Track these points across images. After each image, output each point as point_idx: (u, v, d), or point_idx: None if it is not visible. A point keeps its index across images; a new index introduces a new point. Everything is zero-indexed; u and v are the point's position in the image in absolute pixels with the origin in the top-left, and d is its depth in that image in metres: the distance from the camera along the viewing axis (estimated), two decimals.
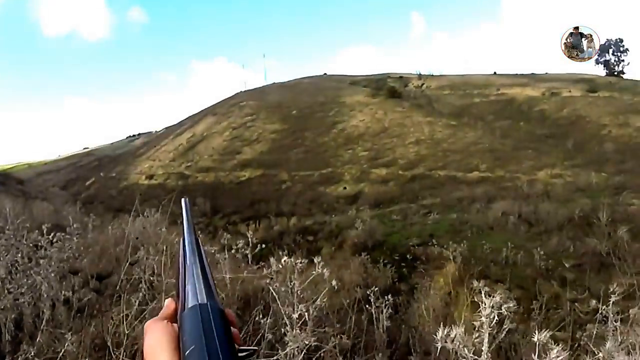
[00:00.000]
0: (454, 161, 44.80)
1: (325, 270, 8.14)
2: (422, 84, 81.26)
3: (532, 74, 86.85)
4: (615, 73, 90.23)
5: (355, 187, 42.70)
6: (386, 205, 37.31)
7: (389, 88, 73.54)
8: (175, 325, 1.22)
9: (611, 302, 7.91)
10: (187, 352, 1.08)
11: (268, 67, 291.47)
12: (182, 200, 1.60)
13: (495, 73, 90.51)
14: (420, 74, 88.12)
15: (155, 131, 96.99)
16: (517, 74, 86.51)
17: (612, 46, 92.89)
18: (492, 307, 6.92)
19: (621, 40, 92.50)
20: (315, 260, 8.13)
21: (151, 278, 7.91)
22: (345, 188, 42.92)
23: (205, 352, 1.05)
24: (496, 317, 7.00)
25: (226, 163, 53.62)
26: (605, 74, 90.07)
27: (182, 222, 1.52)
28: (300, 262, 8.27)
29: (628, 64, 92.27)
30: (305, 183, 45.16)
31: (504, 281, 22.22)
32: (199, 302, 1.19)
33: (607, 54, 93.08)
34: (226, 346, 1.09)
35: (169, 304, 1.30)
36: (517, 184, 37.14)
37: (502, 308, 7.00)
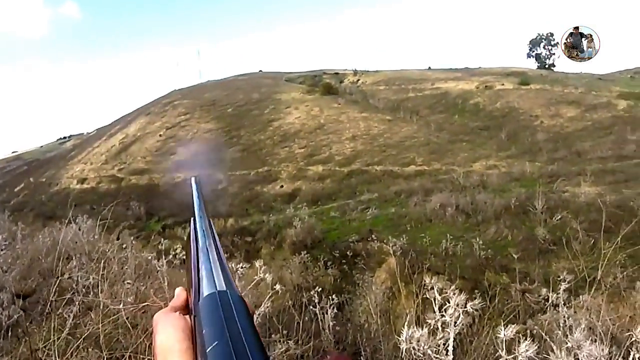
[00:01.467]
0: (390, 156, 44.89)
1: (267, 274, 7.82)
2: (358, 80, 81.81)
3: (466, 68, 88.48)
4: (547, 66, 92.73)
5: (292, 185, 42.38)
6: (324, 203, 37.12)
7: (324, 84, 73.77)
8: (187, 317, 1.15)
9: (561, 289, 7.84)
10: (209, 348, 0.93)
11: (203, 64, 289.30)
12: (192, 179, 1.64)
13: (429, 68, 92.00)
14: (355, 70, 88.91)
15: (87, 133, 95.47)
16: (451, 69, 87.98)
17: (543, 40, 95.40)
18: (457, 305, 6.76)
19: (552, 35, 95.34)
20: (257, 264, 7.80)
21: (85, 290, 7.48)
22: (282, 186, 42.55)
23: (231, 348, 0.90)
24: (461, 316, 6.84)
25: (160, 164, 52.52)
26: (536, 67, 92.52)
27: (192, 202, 1.52)
28: (241, 267, 7.98)
29: (559, 57, 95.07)
30: (241, 182, 44.58)
31: (444, 272, 22.30)
32: (217, 289, 1.07)
33: (538, 48, 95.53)
34: (253, 340, 0.94)
35: (179, 294, 1.24)
36: (453, 176, 37.30)
37: (468, 306, 6.86)
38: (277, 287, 8.05)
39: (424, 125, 54.67)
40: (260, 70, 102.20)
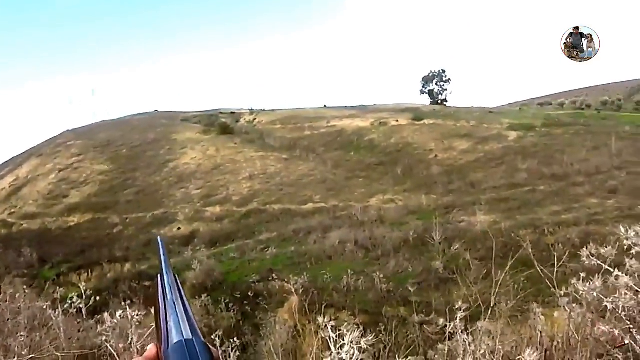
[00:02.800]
0: (288, 194, 44.78)
1: None
2: (254, 119, 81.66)
3: (361, 105, 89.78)
4: (439, 102, 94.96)
5: (189, 226, 41.60)
6: (223, 244, 36.53)
7: (220, 124, 73.32)
8: None
9: (458, 318, 7.75)
10: None
11: (97, 103, 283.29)
12: (158, 238, 1.67)
13: (325, 106, 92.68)
14: (251, 109, 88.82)
15: None
16: (346, 106, 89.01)
17: (435, 77, 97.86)
18: (352, 342, 6.55)
19: (444, 71, 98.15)
20: (152, 311, 7.39)
21: None
22: (179, 228, 41.72)
23: None
24: (356, 352, 6.63)
25: (53, 208, 50.28)
26: (429, 102, 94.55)
27: (159, 260, 1.57)
28: (137, 314, 7.58)
29: (450, 92, 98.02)
30: (137, 225, 43.40)
31: (347, 308, 22.15)
32: (184, 337, 1.15)
33: (430, 84, 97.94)
34: None
35: (151, 348, 1.27)
36: (351, 212, 37.51)
37: (362, 342, 6.66)
38: None
39: (321, 163, 54.92)
40: (156, 110, 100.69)
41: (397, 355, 10.11)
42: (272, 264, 29.41)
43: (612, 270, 4.96)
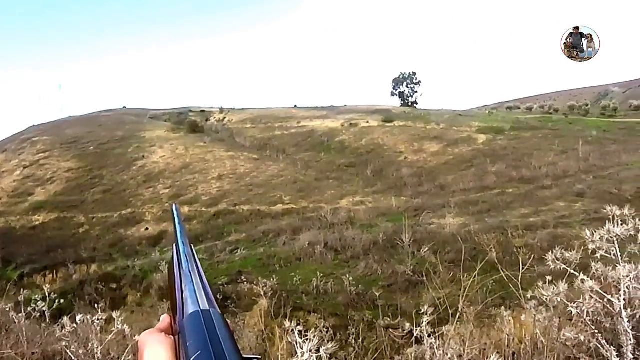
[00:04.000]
0: (257, 195, 44.59)
1: (126, 326, 7.28)
2: (224, 118, 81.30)
3: (332, 106, 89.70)
4: (410, 104, 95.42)
5: (157, 227, 41.14)
6: (192, 244, 36.17)
7: (190, 122, 72.86)
8: (171, 337, 1.16)
9: (424, 323, 7.74)
10: (192, 358, 0.98)
11: (64, 99, 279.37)
12: (172, 206, 1.66)
13: (295, 106, 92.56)
14: (222, 108, 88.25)
15: None
16: (317, 107, 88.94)
17: (405, 79, 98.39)
18: (310, 350, 6.49)
19: (414, 74, 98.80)
20: (114, 315, 7.24)
21: None
22: (147, 229, 41.28)
23: (213, 357, 0.98)
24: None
25: (17, 206, 49.18)
26: (400, 104, 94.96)
27: (174, 229, 1.53)
28: (98, 319, 7.44)
29: (421, 95, 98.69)
30: (104, 225, 42.80)
31: (317, 311, 22.09)
32: (201, 308, 1.12)
33: (401, 86, 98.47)
34: (233, 351, 1.00)
35: (164, 318, 1.26)
36: (321, 213, 37.41)
37: (321, 351, 6.59)
38: (137, 337, 7.55)
39: (291, 163, 54.83)
40: (125, 107, 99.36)
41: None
42: (241, 266, 29.24)
43: (577, 274, 4.98)
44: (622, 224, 4.79)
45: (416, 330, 8.08)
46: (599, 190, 35.14)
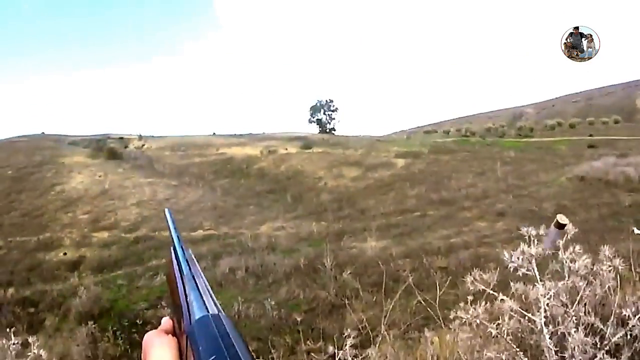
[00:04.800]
0: (177, 221, 43.62)
1: (42, 351, 7.05)
2: (143, 145, 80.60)
3: (250, 133, 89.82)
4: (327, 130, 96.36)
5: (76, 252, 40.24)
6: (110, 270, 35.61)
7: (109, 149, 71.77)
8: (175, 339, 1.17)
9: (347, 346, 7.75)
10: None
11: None
12: (165, 210, 1.63)
13: (214, 133, 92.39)
14: (140, 135, 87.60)
15: None
16: (235, 134, 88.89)
17: (323, 106, 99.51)
18: None
19: (331, 101, 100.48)
20: (30, 340, 7.02)
21: None
22: (65, 254, 40.30)
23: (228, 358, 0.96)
24: None
25: None
26: (318, 131, 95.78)
27: (170, 234, 1.51)
28: (14, 344, 7.19)
29: (338, 121, 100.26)
30: (22, 249, 41.58)
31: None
32: (210, 312, 1.09)
33: (318, 114, 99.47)
34: (247, 355, 0.98)
35: (166, 321, 1.25)
36: (241, 239, 37.35)
37: None
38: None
39: (210, 190, 54.66)
40: (43, 132, 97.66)
41: None
42: (161, 291, 28.84)
43: (496, 294, 5.07)
44: (538, 244, 4.91)
45: (339, 353, 8.09)
46: (519, 209, 35.98)
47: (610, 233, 25.49)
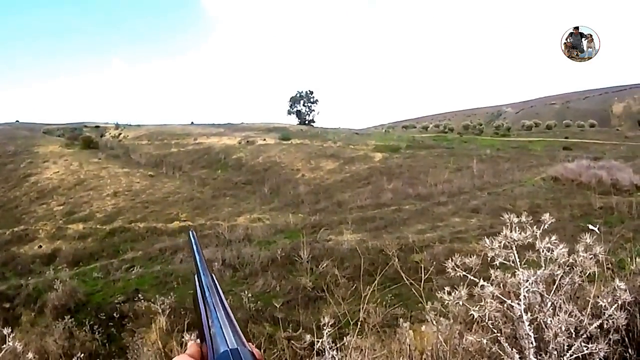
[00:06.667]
0: (153, 212, 43.94)
1: (17, 343, 7.01)
2: (119, 134, 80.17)
3: (229, 123, 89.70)
4: (307, 122, 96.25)
5: (51, 245, 39.82)
6: (86, 263, 35.27)
7: (84, 138, 71.00)
8: None
9: (325, 334, 7.81)
10: None
11: None
12: (190, 233, 1.66)
13: (192, 123, 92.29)
14: (117, 124, 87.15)
15: None
16: (213, 124, 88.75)
17: (302, 98, 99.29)
18: None
19: (311, 92, 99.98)
20: (5, 332, 6.97)
21: None
22: (40, 246, 39.89)
23: None
24: None
25: None
26: (297, 123, 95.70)
27: (193, 258, 1.57)
28: None
29: (318, 113, 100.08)
30: None
31: None
32: (229, 347, 1.16)
33: (298, 105, 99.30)
34: None
35: (192, 345, 1.30)
36: (218, 230, 37.20)
37: None
38: (30, 356, 7.27)
39: (187, 180, 54.43)
40: (17, 121, 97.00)
41: None
42: (138, 284, 28.70)
43: (477, 280, 5.11)
44: (519, 232, 4.96)
45: (317, 342, 8.14)
46: (493, 206, 36.18)
47: (581, 233, 25.74)
